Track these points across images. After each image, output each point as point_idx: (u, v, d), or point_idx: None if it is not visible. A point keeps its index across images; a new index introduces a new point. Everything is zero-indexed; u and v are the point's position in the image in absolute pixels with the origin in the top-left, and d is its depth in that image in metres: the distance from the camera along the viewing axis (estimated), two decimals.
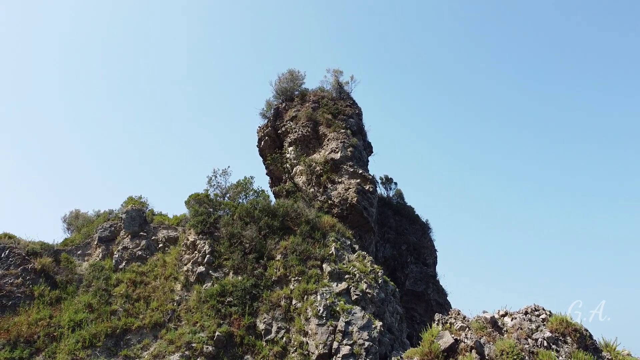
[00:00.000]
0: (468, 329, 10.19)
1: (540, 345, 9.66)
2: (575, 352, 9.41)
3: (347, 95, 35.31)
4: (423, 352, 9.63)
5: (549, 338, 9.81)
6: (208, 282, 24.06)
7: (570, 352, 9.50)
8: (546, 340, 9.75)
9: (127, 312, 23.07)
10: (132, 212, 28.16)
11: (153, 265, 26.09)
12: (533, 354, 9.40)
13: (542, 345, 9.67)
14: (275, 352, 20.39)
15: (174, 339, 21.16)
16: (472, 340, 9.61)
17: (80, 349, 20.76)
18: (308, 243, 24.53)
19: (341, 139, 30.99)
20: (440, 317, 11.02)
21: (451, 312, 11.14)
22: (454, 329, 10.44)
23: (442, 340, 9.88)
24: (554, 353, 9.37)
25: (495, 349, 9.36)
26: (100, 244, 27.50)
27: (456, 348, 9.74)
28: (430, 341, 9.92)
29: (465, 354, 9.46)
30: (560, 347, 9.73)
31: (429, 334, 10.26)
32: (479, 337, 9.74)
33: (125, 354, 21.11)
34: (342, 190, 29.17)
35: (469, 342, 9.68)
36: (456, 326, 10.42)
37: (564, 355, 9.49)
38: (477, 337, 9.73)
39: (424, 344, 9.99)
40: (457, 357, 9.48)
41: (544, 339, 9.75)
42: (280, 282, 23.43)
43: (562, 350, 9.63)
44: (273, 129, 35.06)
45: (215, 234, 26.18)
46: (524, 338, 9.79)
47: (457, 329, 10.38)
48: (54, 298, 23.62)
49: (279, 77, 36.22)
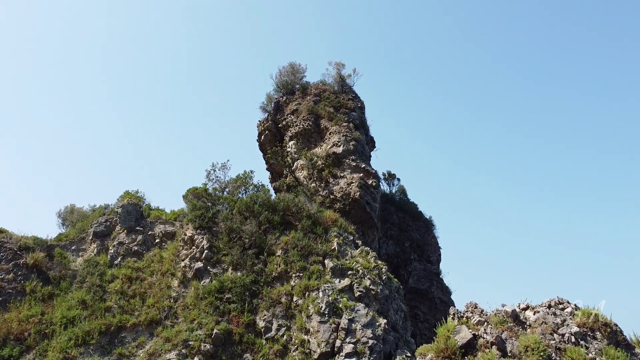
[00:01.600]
0: (487, 323, 9.37)
1: (567, 341, 8.84)
2: (606, 349, 8.59)
3: (349, 88, 34.57)
4: (438, 349, 8.81)
5: (576, 333, 8.99)
6: (206, 278, 23.46)
7: (601, 348, 8.70)
8: (574, 336, 8.93)
9: (122, 308, 22.41)
10: (128, 207, 27.34)
11: (149, 260, 25.36)
12: (560, 350, 8.59)
13: (569, 340, 8.85)
14: (276, 351, 19.74)
15: (171, 337, 20.57)
16: (493, 336, 8.78)
17: (73, 346, 20.07)
18: (309, 238, 23.90)
19: (343, 132, 30.23)
20: (455, 311, 10.18)
21: (467, 305, 10.32)
22: (471, 324, 9.62)
23: (460, 335, 9.05)
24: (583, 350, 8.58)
25: (518, 344, 8.53)
26: (95, 239, 26.69)
27: (475, 344, 8.93)
28: (446, 336, 9.09)
29: (485, 351, 8.65)
30: (590, 342, 8.91)
31: (445, 329, 9.42)
32: (500, 332, 8.93)
33: (119, 352, 20.47)
34: (344, 185, 28.40)
35: (488, 337, 8.86)
36: (473, 320, 9.60)
37: (594, 351, 8.68)
38: (497, 332, 8.93)
39: (439, 340, 9.16)
40: (476, 353, 8.67)
41: (571, 334, 8.92)
42: (280, 278, 22.82)
43: (592, 346, 8.80)
44: (273, 122, 34.28)
45: (214, 229, 25.49)
46: (549, 333, 8.95)
47: (474, 324, 9.56)
48: (46, 294, 22.86)
49: (279, 70, 35.78)
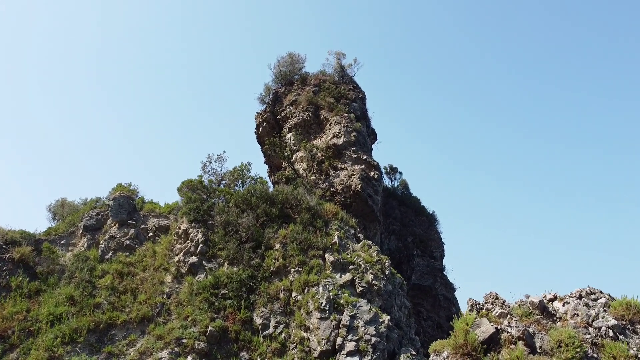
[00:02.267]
0: (510, 315, 8.34)
1: (604, 335, 7.82)
2: None
3: (350, 78, 33.54)
4: (456, 345, 7.75)
5: (614, 327, 7.95)
6: (201, 274, 22.52)
7: None
8: (611, 329, 7.90)
9: (113, 305, 21.41)
10: (120, 199, 26.27)
11: (142, 255, 24.34)
12: (597, 345, 7.56)
13: (606, 335, 7.82)
14: (274, 349, 18.80)
15: (163, 335, 19.66)
16: (519, 330, 7.74)
17: (59, 345, 19.04)
18: (309, 232, 22.95)
19: (344, 123, 29.18)
20: (473, 302, 9.09)
21: (486, 296, 9.25)
22: (492, 316, 8.58)
23: (480, 329, 7.99)
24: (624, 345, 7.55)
25: (549, 339, 7.49)
26: (86, 233, 25.62)
27: (498, 339, 7.90)
28: (465, 331, 8.03)
29: (510, 347, 7.60)
30: (630, 337, 7.88)
31: (463, 323, 8.34)
32: (527, 326, 7.90)
33: (109, 351, 19.49)
34: (345, 177, 27.35)
35: (514, 331, 7.81)
36: (494, 313, 8.55)
37: (635, 347, 7.66)
38: (524, 325, 7.89)
39: (457, 334, 8.11)
40: (499, 350, 7.63)
41: (608, 328, 7.89)
42: (279, 273, 21.92)
43: (632, 341, 7.78)
44: (272, 114, 33.24)
45: (209, 222, 24.50)
46: (582, 327, 7.92)
47: (495, 316, 8.52)
48: (32, 290, 21.81)
49: (278, 61, 34.77)
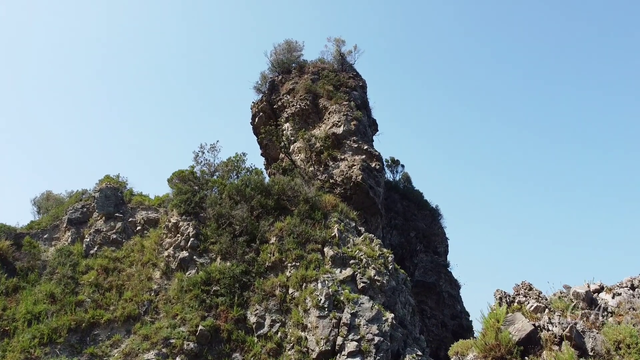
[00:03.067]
0: (548, 310, 6.95)
1: None
2: None
3: (350, 66, 32.10)
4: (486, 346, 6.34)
5: None
6: (192, 269, 21.25)
7: None
8: None
9: (96, 303, 20.16)
10: (106, 191, 24.83)
11: (129, 250, 22.98)
12: None
13: None
14: (269, 349, 17.53)
15: (150, 335, 18.49)
16: (563, 327, 6.33)
17: (37, 345, 17.76)
18: (307, 224, 21.65)
19: (344, 111, 27.74)
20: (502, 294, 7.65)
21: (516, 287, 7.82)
22: (526, 310, 7.19)
23: (515, 327, 6.55)
24: None
25: (604, 339, 6.10)
26: (70, 227, 24.18)
27: (537, 338, 6.51)
28: (496, 328, 6.63)
29: (552, 348, 6.20)
30: None
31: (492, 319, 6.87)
32: (573, 322, 6.51)
33: (91, 352, 18.27)
34: (345, 168, 25.93)
35: (556, 329, 6.41)
36: (529, 306, 7.15)
37: None
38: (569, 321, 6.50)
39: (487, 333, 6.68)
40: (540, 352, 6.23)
41: None
42: (274, 268, 20.69)
43: None
44: (268, 103, 31.79)
45: (201, 215, 23.15)
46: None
47: (530, 311, 7.13)
48: (10, 287, 20.46)
49: (274, 48, 33.31)
